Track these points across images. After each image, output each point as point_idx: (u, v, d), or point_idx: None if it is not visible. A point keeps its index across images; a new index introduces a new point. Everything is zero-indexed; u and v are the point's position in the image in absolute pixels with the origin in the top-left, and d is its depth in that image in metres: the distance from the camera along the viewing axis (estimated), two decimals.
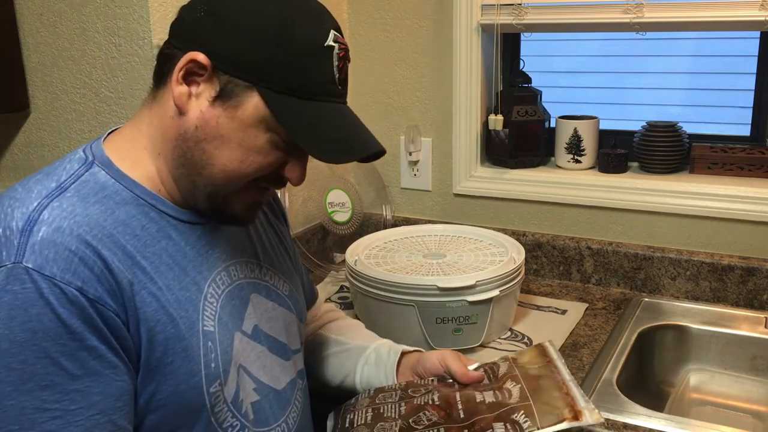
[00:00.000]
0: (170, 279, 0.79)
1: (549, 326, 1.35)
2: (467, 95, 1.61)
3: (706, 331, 1.37)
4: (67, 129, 1.40)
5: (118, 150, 0.82)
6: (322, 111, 0.78)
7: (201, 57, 0.76)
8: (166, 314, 0.77)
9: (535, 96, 1.63)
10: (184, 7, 0.81)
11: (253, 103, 0.77)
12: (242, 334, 0.86)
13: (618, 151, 1.57)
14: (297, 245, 1.26)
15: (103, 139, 0.84)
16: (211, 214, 0.84)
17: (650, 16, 1.41)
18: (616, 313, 1.41)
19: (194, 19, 0.79)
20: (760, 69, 1.52)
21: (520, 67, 1.73)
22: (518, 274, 1.30)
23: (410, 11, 1.64)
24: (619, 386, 1.13)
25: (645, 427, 1.02)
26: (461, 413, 0.89)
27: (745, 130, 1.58)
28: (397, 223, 1.72)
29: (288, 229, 1.08)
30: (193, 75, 0.78)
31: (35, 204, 0.73)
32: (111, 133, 0.86)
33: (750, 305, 1.42)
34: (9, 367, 0.67)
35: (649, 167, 1.56)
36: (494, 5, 1.55)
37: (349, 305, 1.43)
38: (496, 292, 1.23)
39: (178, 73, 0.77)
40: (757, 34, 1.49)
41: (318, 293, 1.19)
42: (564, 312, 1.42)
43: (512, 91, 1.63)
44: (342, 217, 1.67)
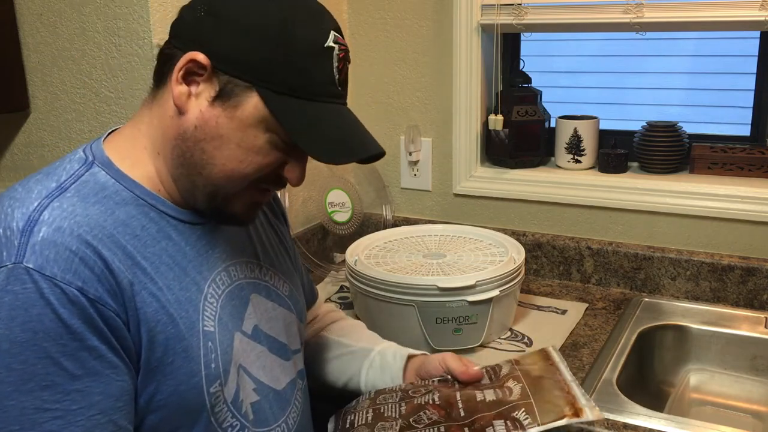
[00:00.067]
0: (170, 279, 0.79)
1: (549, 326, 1.35)
2: (467, 95, 1.61)
3: (706, 331, 1.37)
4: (67, 129, 1.40)
5: (118, 150, 0.82)
6: (322, 112, 0.78)
7: (201, 57, 0.76)
8: (167, 314, 0.77)
9: (535, 96, 1.63)
10: (184, 7, 0.81)
11: (253, 104, 0.77)
12: (242, 334, 0.86)
13: (618, 151, 1.57)
14: (297, 245, 1.26)
15: (103, 139, 0.84)
16: (211, 214, 0.84)
17: (650, 16, 1.41)
18: (616, 313, 1.41)
19: (194, 19, 0.79)
20: (760, 69, 1.52)
21: (520, 67, 1.73)
22: (518, 274, 1.30)
23: (410, 11, 1.64)
24: (619, 386, 1.13)
25: (645, 427, 1.02)
26: (461, 412, 0.89)
27: (745, 130, 1.58)
28: (397, 223, 1.72)
29: (288, 229, 1.08)
30: (192, 75, 0.78)
31: (35, 204, 0.73)
32: (111, 133, 0.86)
33: (750, 305, 1.42)
34: (9, 368, 0.67)
35: (649, 167, 1.56)
36: (494, 5, 1.55)
37: (349, 305, 1.43)
38: (496, 292, 1.23)
39: (177, 72, 0.77)
40: (757, 34, 1.49)
41: (318, 293, 1.19)
42: (564, 312, 1.42)
43: (512, 91, 1.63)
44: (342, 217, 1.67)
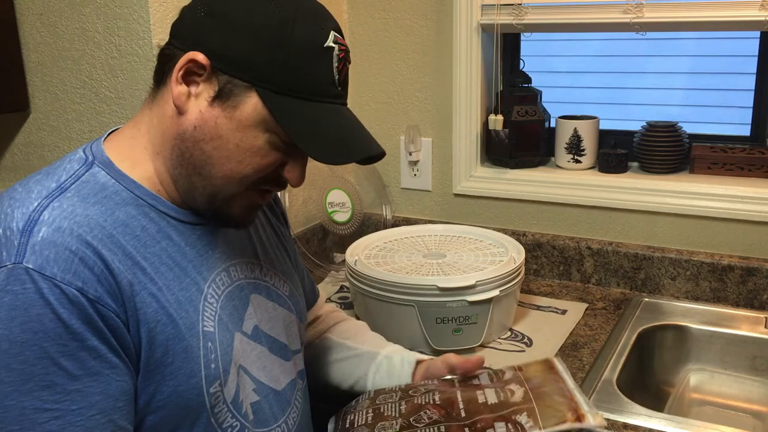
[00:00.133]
0: (170, 279, 0.78)
1: (549, 326, 1.35)
2: (467, 95, 1.61)
3: (706, 331, 1.37)
4: (67, 129, 1.40)
5: (118, 150, 0.82)
6: (322, 112, 0.78)
7: (200, 57, 0.76)
8: (166, 315, 0.77)
9: (535, 96, 1.63)
10: (185, 8, 0.81)
11: (252, 104, 0.77)
12: (242, 334, 0.86)
13: (618, 151, 1.57)
14: (297, 245, 1.26)
15: (103, 140, 0.84)
16: (210, 215, 0.84)
17: (650, 16, 1.41)
18: (616, 313, 1.41)
19: (194, 19, 0.79)
20: (760, 69, 1.52)
21: (520, 67, 1.73)
22: (518, 274, 1.30)
23: (410, 11, 1.64)
24: (619, 386, 1.13)
25: (645, 427, 1.02)
26: (462, 412, 0.89)
27: (745, 130, 1.58)
28: (397, 223, 1.72)
29: (288, 230, 1.08)
30: (192, 75, 0.78)
31: (35, 204, 0.73)
32: (111, 133, 0.86)
33: (750, 305, 1.42)
34: (9, 368, 0.67)
35: (649, 167, 1.56)
36: (494, 5, 1.55)
37: (349, 305, 1.43)
38: (496, 292, 1.23)
39: (177, 72, 0.77)
40: (757, 34, 1.49)
41: (319, 293, 1.19)
42: (564, 312, 1.42)
43: (512, 91, 1.63)
44: (342, 217, 1.67)
